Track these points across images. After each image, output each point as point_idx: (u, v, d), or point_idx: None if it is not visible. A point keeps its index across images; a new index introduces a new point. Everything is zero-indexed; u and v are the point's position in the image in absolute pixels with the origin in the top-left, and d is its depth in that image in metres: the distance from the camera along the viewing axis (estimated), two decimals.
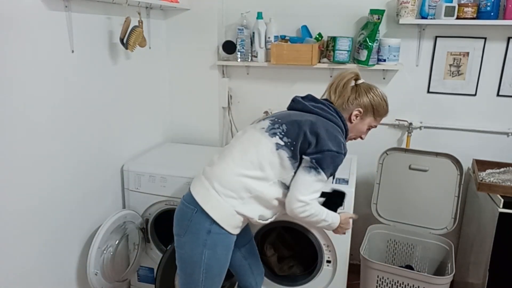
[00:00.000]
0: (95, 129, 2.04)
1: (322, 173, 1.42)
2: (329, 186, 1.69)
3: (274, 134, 1.47)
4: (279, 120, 1.50)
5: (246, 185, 1.46)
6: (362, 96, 1.57)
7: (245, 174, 1.46)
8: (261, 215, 1.52)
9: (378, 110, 1.59)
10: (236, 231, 1.53)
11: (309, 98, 1.61)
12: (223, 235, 1.48)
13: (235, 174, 1.46)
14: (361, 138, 1.67)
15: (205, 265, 1.48)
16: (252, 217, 1.50)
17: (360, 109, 1.57)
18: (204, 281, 1.51)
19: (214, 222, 1.45)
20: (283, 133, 1.46)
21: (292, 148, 1.44)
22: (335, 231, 1.62)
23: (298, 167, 1.46)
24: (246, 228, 1.70)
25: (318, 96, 1.63)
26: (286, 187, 1.49)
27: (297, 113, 1.54)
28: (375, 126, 1.65)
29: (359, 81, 1.61)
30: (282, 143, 1.45)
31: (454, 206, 2.20)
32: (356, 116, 1.58)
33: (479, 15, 2.12)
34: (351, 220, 1.65)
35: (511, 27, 2.18)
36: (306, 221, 1.49)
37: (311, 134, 1.44)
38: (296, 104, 1.60)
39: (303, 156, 1.44)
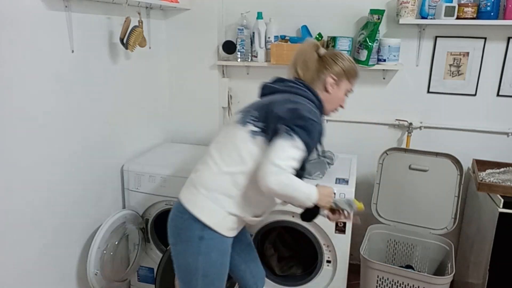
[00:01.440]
0: (95, 129, 2.04)
1: (297, 138, 1.31)
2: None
3: (246, 122, 1.42)
4: (249, 109, 1.47)
5: (232, 183, 1.42)
6: (331, 65, 1.51)
7: (228, 172, 1.42)
8: (253, 211, 1.49)
9: (350, 73, 1.54)
10: (232, 234, 1.49)
11: (277, 79, 1.55)
12: (217, 240, 1.44)
13: (219, 174, 1.42)
14: (342, 107, 1.60)
15: (202, 272, 1.44)
16: (244, 215, 1.47)
17: (333, 76, 1.51)
18: (204, 287, 1.48)
19: (205, 226, 1.40)
20: (255, 119, 1.41)
21: (268, 132, 1.38)
22: (321, 206, 1.45)
23: None
24: (244, 231, 1.67)
25: None
26: None
27: (266, 98, 1.50)
28: (352, 91, 1.60)
29: (321, 51, 1.55)
30: (257, 129, 1.40)
31: (454, 206, 2.20)
32: (332, 85, 1.51)
33: (479, 15, 2.12)
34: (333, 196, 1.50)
35: (511, 27, 2.18)
36: (281, 194, 1.34)
37: (281, 110, 1.37)
38: (265, 90, 1.55)
39: (277, 126, 1.36)
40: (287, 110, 1.37)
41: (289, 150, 1.31)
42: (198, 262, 1.43)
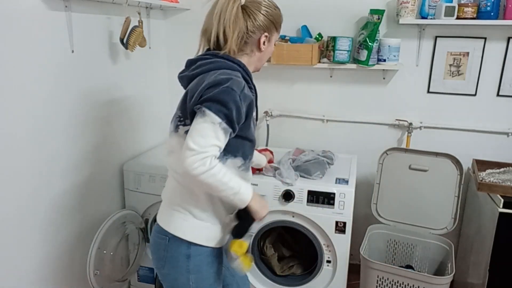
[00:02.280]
0: (95, 129, 2.04)
1: (209, 112, 1.15)
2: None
3: (177, 126, 1.30)
4: (175, 111, 1.34)
5: (188, 192, 1.33)
6: (259, 17, 1.30)
7: (182, 183, 1.34)
8: (227, 209, 1.37)
9: (278, 22, 1.38)
10: (219, 244, 1.40)
11: (188, 64, 1.36)
12: (204, 254, 1.35)
13: (178, 186, 1.35)
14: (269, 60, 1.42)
15: None
16: (220, 218, 1.36)
17: (265, 33, 1.33)
18: None
19: (190, 244, 1.32)
20: (181, 120, 1.29)
21: (187, 121, 1.25)
22: (255, 213, 1.31)
23: None
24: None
25: None
26: (224, 156, 1.28)
27: (185, 91, 1.31)
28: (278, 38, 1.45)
29: (243, 2, 1.29)
30: (188, 127, 1.22)
31: (454, 206, 2.20)
32: (264, 42, 1.35)
33: (479, 15, 2.12)
34: (267, 206, 1.36)
35: (511, 27, 2.18)
36: (204, 183, 1.18)
37: (190, 95, 1.23)
38: (182, 82, 1.37)
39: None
40: (195, 90, 1.21)
41: (204, 129, 1.16)
42: (190, 281, 1.35)
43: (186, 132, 1.22)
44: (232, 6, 1.27)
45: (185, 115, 1.26)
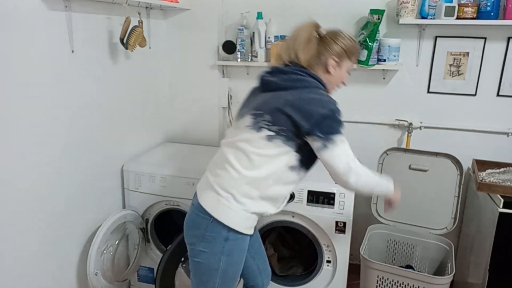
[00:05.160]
0: (95, 129, 2.04)
1: (336, 136, 1.37)
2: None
3: (260, 128, 1.40)
4: (259, 111, 1.43)
5: (253, 186, 1.43)
6: (332, 45, 1.47)
7: (248, 176, 1.42)
8: (274, 205, 1.51)
9: (352, 52, 1.51)
10: (251, 231, 1.52)
11: (277, 71, 1.49)
12: (240, 240, 1.47)
13: (239, 179, 1.43)
14: (344, 84, 1.57)
15: (221, 271, 1.47)
16: (266, 211, 1.49)
17: (334, 58, 1.47)
18: (220, 286, 1.50)
19: (231, 229, 1.43)
20: (269, 123, 1.39)
21: (284, 134, 1.38)
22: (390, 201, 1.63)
23: (297, 146, 1.41)
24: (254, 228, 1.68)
25: None
26: (294, 168, 1.44)
27: (273, 95, 1.44)
28: (353, 68, 1.61)
29: (321, 30, 1.50)
30: (273, 133, 1.39)
31: (454, 206, 2.20)
32: (333, 67, 1.49)
33: (479, 15, 2.12)
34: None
35: (511, 27, 2.18)
36: (364, 190, 1.48)
37: (296, 114, 1.36)
38: (267, 85, 1.50)
39: (306, 137, 1.38)
40: (308, 113, 1.36)
41: (339, 153, 1.38)
42: (221, 262, 1.45)
43: (269, 136, 1.39)
44: (312, 32, 1.48)
45: (277, 121, 1.38)
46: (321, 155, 1.38)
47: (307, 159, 1.45)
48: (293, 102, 1.38)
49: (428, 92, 2.41)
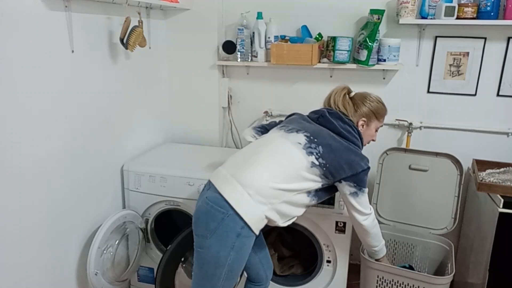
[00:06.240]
0: (95, 129, 2.04)
1: (364, 188, 1.60)
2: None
3: (311, 153, 1.53)
4: (316, 140, 1.56)
5: (278, 195, 1.50)
6: (361, 107, 1.69)
7: (277, 187, 1.50)
8: (282, 219, 1.58)
9: (379, 113, 1.72)
10: (258, 232, 1.57)
11: (336, 116, 1.66)
12: (250, 238, 1.51)
13: (269, 184, 1.49)
14: (373, 140, 1.80)
15: (228, 266, 1.50)
16: (277, 220, 1.55)
17: (363, 119, 1.69)
18: (224, 281, 1.52)
19: (245, 225, 1.47)
20: (319, 154, 1.53)
21: (324, 169, 1.53)
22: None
23: (325, 183, 1.57)
24: None
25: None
26: (314, 195, 1.59)
27: (329, 134, 1.60)
28: (382, 126, 1.79)
29: (351, 93, 1.73)
30: (317, 163, 1.53)
31: (454, 206, 2.20)
32: (362, 126, 1.70)
33: (479, 15, 2.12)
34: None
35: (511, 27, 2.18)
36: (371, 233, 1.71)
37: (344, 162, 1.53)
38: (326, 122, 1.65)
39: (342, 182, 1.56)
40: (352, 165, 1.54)
41: (363, 201, 1.62)
42: (229, 256, 1.48)
43: (313, 163, 1.52)
44: (344, 95, 1.71)
45: (325, 157, 1.54)
46: (350, 200, 1.60)
47: (323, 194, 1.62)
48: (345, 151, 1.56)
49: (428, 92, 2.41)
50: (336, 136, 1.60)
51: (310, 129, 1.61)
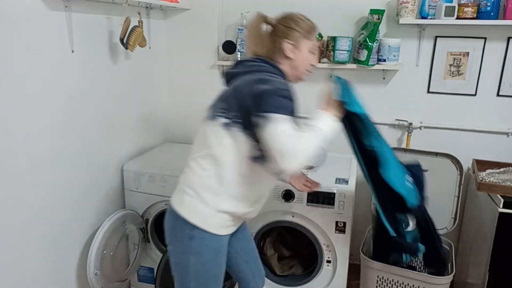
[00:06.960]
0: (95, 129, 2.04)
1: (276, 114, 1.24)
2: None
3: (216, 116, 1.38)
4: (216, 102, 1.44)
5: (216, 180, 1.38)
6: (281, 30, 1.45)
7: (209, 170, 1.39)
8: (244, 205, 1.43)
9: (307, 30, 1.46)
10: (226, 231, 1.45)
11: (237, 63, 1.49)
12: (207, 239, 1.41)
13: (201, 173, 1.40)
14: (313, 66, 1.50)
15: (193, 272, 1.44)
16: (236, 210, 1.42)
17: (288, 41, 1.43)
18: (199, 286, 1.46)
19: (195, 227, 1.39)
20: (224, 111, 1.36)
21: (240, 120, 1.33)
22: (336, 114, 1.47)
23: (256, 134, 1.32)
24: (243, 229, 1.65)
25: None
26: (258, 159, 1.37)
27: (230, 85, 1.44)
28: (316, 46, 1.51)
29: (271, 20, 1.50)
30: (228, 121, 1.34)
31: (454, 206, 2.20)
32: (291, 50, 1.43)
33: (479, 15, 2.12)
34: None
35: (511, 27, 2.18)
36: (310, 160, 1.42)
37: (241, 93, 1.33)
38: (227, 77, 1.49)
39: (251, 118, 1.30)
40: (253, 94, 1.29)
41: (281, 130, 1.23)
42: (190, 261, 1.43)
43: (225, 124, 1.35)
44: (260, 25, 1.51)
45: (231, 107, 1.35)
46: (262, 134, 1.26)
47: (250, 139, 1.36)
48: (242, 85, 1.35)
49: (428, 92, 2.41)
50: (237, 81, 1.40)
51: (215, 98, 1.47)
